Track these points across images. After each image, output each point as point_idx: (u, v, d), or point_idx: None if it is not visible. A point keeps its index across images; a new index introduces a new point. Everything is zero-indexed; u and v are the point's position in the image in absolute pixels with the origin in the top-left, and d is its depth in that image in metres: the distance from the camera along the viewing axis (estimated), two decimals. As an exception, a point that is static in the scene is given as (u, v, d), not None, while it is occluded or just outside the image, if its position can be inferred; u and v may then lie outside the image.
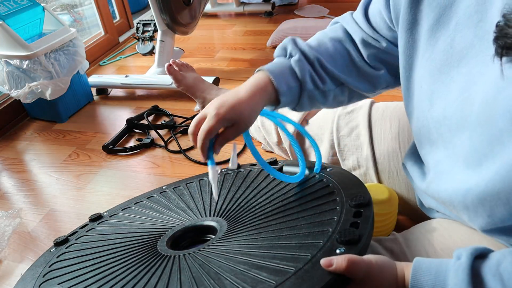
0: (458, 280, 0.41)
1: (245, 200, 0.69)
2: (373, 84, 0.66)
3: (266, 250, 0.52)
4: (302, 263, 0.47)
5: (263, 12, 2.27)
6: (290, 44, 0.64)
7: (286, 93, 0.62)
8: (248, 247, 0.54)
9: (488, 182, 0.43)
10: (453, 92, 0.48)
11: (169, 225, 0.70)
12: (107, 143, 1.26)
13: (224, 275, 0.50)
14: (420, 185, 0.61)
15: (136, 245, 0.65)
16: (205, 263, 0.54)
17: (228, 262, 0.52)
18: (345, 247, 0.47)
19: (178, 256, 0.58)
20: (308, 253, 0.48)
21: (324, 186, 0.64)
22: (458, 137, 0.48)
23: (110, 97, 1.61)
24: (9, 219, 1.02)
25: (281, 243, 0.53)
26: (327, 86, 0.64)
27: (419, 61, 0.54)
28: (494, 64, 0.40)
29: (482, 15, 0.44)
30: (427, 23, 0.51)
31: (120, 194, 1.09)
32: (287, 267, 0.47)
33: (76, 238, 0.74)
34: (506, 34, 0.34)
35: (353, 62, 0.65)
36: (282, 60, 0.64)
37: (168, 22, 1.53)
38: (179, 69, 1.29)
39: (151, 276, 0.55)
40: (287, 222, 0.58)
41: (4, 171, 1.25)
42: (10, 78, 1.32)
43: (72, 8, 2.16)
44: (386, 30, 0.60)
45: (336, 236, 0.49)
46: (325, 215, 0.56)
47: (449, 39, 0.48)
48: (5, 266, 0.92)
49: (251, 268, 0.49)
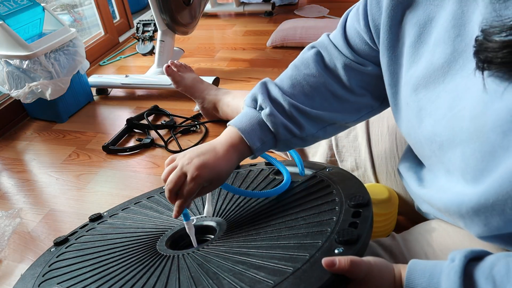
0: (450, 282, 0.41)
1: (244, 200, 0.69)
2: (358, 112, 0.65)
3: (265, 250, 0.52)
4: (300, 263, 0.47)
5: (263, 12, 2.27)
6: (260, 94, 0.62)
7: (260, 148, 0.62)
8: (247, 247, 0.55)
9: (481, 195, 0.43)
10: (441, 109, 0.47)
11: (169, 225, 0.70)
12: (107, 143, 1.27)
13: (222, 275, 0.50)
14: (416, 190, 0.60)
15: (135, 245, 0.65)
16: (204, 263, 0.54)
17: (227, 262, 0.52)
18: (344, 247, 0.47)
19: (177, 256, 0.59)
20: (307, 253, 0.48)
21: (324, 186, 0.64)
22: (451, 153, 0.47)
23: (110, 97, 1.62)
24: (9, 219, 1.02)
25: (280, 243, 0.53)
26: (305, 132, 0.63)
27: (403, 78, 0.53)
28: (477, 78, 0.40)
29: (459, 29, 0.44)
30: (408, 40, 0.50)
31: (120, 194, 1.09)
32: (285, 267, 0.47)
33: (76, 238, 0.74)
34: (486, 49, 0.34)
35: (333, 95, 0.63)
36: (252, 113, 0.62)
37: (168, 22, 1.53)
38: (178, 70, 1.29)
39: (150, 275, 0.55)
40: (286, 222, 0.58)
41: (4, 171, 1.25)
42: (10, 78, 1.32)
43: (72, 8, 2.16)
44: (369, 51, 0.58)
45: (334, 236, 0.49)
46: (324, 215, 0.56)
47: (430, 55, 0.48)
48: (5, 266, 0.92)
49: (249, 268, 0.49)
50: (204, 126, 1.33)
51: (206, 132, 1.30)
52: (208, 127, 1.33)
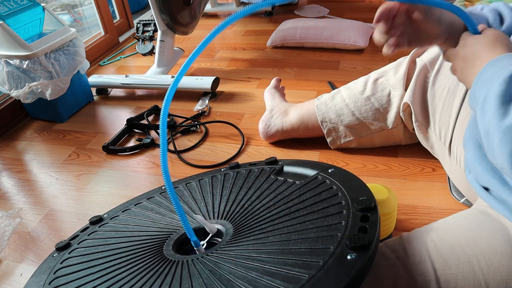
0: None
1: (248, 202, 0.69)
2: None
3: (276, 256, 0.52)
4: (314, 270, 0.47)
5: (263, 12, 2.27)
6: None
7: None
8: (257, 252, 0.54)
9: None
10: None
11: (173, 228, 0.69)
12: (107, 143, 1.26)
13: (237, 282, 0.49)
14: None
15: (141, 249, 0.65)
16: (215, 269, 0.53)
17: (239, 268, 0.52)
18: (356, 253, 0.48)
19: (187, 261, 0.58)
20: (320, 259, 0.48)
21: (327, 188, 0.64)
22: None
23: (110, 97, 1.61)
24: (9, 219, 1.02)
25: (290, 248, 0.53)
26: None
27: None
28: None
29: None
30: None
31: (120, 194, 1.09)
32: (299, 274, 0.47)
33: (78, 242, 0.73)
34: None
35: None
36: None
37: (168, 22, 1.53)
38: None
39: (161, 283, 0.54)
40: (294, 226, 0.58)
41: (4, 171, 1.25)
42: (10, 78, 1.32)
43: (72, 8, 2.16)
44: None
45: (346, 242, 0.49)
46: (332, 219, 0.56)
47: None
48: (5, 266, 0.92)
49: (263, 275, 0.49)
50: (204, 126, 1.33)
51: (206, 132, 1.30)
52: (208, 127, 1.33)
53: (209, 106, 1.44)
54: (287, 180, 0.72)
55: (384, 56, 1.64)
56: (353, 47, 1.70)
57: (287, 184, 0.70)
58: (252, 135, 1.25)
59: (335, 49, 1.74)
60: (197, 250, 0.62)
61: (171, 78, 1.50)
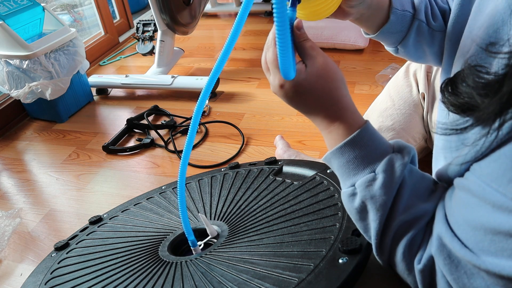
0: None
1: (245, 203, 0.69)
2: None
3: (268, 258, 0.52)
4: (305, 273, 0.47)
5: (263, 12, 2.27)
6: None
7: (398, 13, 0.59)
8: (250, 254, 0.54)
9: None
10: None
11: (170, 229, 0.69)
12: (107, 143, 1.27)
13: (227, 285, 0.50)
14: None
15: (137, 250, 0.65)
16: (208, 271, 0.54)
17: (231, 270, 0.52)
18: (348, 257, 0.47)
19: (180, 262, 0.58)
20: (311, 263, 0.48)
21: (325, 189, 0.63)
22: None
23: (110, 97, 1.62)
24: (9, 219, 1.02)
25: (283, 250, 0.53)
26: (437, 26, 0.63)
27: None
28: None
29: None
30: None
31: (120, 194, 1.09)
32: (290, 278, 0.47)
33: (76, 242, 0.74)
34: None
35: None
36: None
37: (168, 22, 1.53)
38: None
39: (154, 284, 0.55)
40: (289, 227, 0.57)
41: (4, 171, 1.25)
42: (10, 78, 1.32)
43: (72, 8, 2.16)
44: None
45: (338, 245, 0.49)
46: (327, 221, 0.56)
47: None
48: (5, 266, 0.92)
49: (253, 278, 0.49)
50: (204, 126, 1.33)
51: (206, 132, 1.30)
52: (208, 127, 1.33)
53: (209, 106, 1.44)
54: (285, 180, 0.72)
55: (384, 56, 1.64)
56: (353, 47, 1.70)
57: (285, 185, 0.70)
58: (252, 135, 1.25)
59: (335, 49, 1.74)
60: (193, 250, 0.62)
61: (171, 78, 1.50)
